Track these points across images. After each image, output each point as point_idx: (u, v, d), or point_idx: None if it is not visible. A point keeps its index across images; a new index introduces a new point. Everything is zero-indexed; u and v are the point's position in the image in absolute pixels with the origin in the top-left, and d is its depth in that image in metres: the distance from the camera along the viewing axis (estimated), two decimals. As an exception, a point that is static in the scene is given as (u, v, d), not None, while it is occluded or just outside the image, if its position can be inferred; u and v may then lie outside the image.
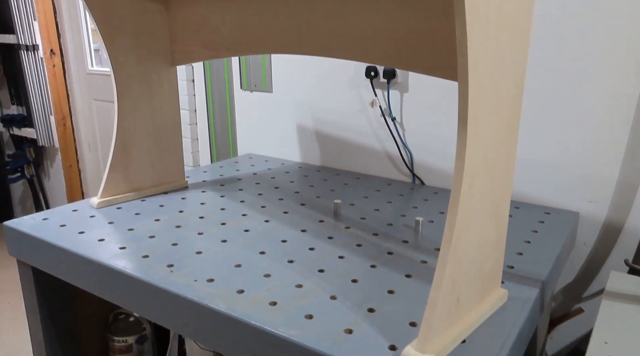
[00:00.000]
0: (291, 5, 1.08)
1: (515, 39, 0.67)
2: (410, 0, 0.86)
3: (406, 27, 0.87)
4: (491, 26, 0.61)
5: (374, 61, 0.94)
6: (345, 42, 0.98)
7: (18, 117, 2.97)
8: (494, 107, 0.66)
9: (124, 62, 1.31)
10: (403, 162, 1.62)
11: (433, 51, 0.83)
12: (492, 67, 0.63)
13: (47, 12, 2.76)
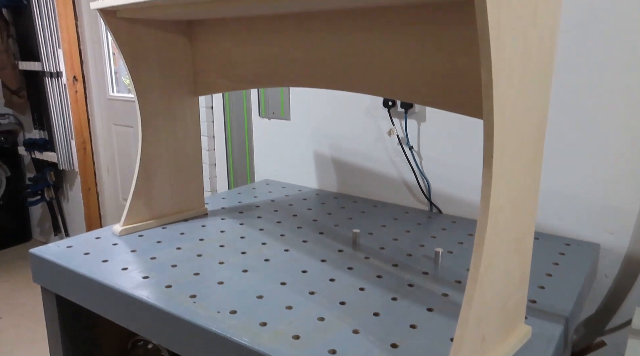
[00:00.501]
0: (313, 40, 1.11)
1: (538, 79, 0.69)
2: (431, 37, 0.88)
3: (427, 64, 0.89)
4: (516, 70, 0.62)
5: (395, 96, 0.96)
6: (367, 77, 1.00)
7: (40, 141, 3.04)
8: (519, 147, 0.67)
9: (149, 93, 1.35)
10: (420, 191, 1.62)
11: (454, 88, 0.84)
12: (517, 108, 0.64)
13: (71, 40, 2.85)
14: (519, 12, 0.60)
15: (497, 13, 0.56)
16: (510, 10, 0.58)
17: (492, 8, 0.55)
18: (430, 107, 0.90)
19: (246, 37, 1.27)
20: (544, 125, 0.73)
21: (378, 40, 0.97)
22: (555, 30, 0.70)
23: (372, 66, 0.99)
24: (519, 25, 0.61)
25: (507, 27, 0.58)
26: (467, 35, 0.82)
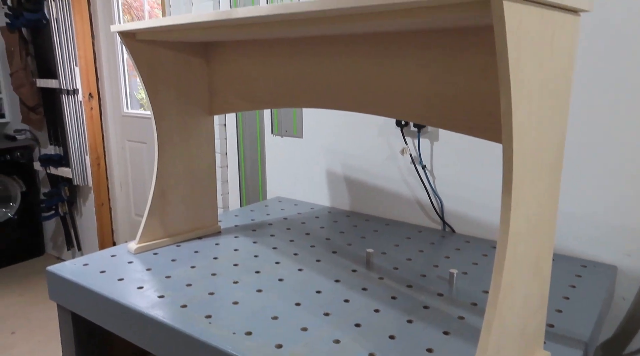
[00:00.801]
0: (329, 62, 1.12)
1: (556, 105, 0.69)
2: (445, 61, 0.89)
3: (441, 87, 0.89)
4: (534, 96, 0.63)
5: (411, 118, 0.96)
6: (381, 99, 1.01)
7: (55, 157, 3.08)
8: (538, 172, 0.67)
9: (165, 113, 1.37)
10: (433, 210, 1.62)
11: (471, 111, 0.85)
12: (536, 134, 0.65)
13: (87, 58, 2.91)
14: (537, 40, 0.61)
15: (516, 42, 0.57)
16: (528, 39, 0.59)
17: (511, 37, 0.56)
18: (444, 129, 0.90)
19: (262, 58, 1.29)
20: (562, 149, 0.73)
21: (392, 63, 0.98)
22: (572, 55, 0.70)
23: (387, 88, 1.00)
24: (537, 52, 0.61)
25: (526, 56, 0.59)
26: (482, 59, 0.83)
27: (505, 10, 0.54)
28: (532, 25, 0.59)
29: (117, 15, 2.87)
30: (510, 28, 0.55)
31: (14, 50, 3.01)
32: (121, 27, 1.19)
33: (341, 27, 0.76)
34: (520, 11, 0.56)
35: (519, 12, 0.56)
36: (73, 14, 2.79)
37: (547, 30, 0.62)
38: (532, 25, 0.59)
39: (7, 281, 3.25)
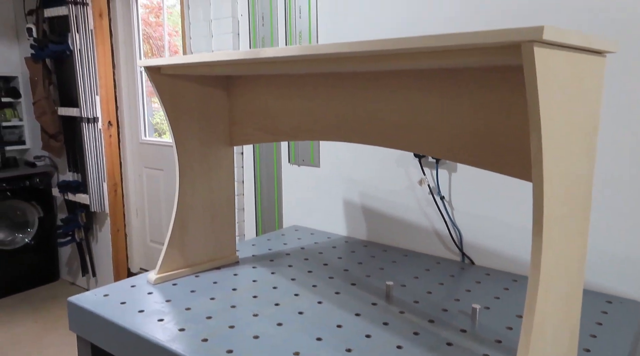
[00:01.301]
0: (350, 96, 1.14)
1: (585, 144, 0.69)
2: (472, 97, 0.90)
3: (468, 123, 0.90)
4: (564, 137, 0.63)
5: (435, 154, 0.97)
6: (406, 134, 1.02)
7: (73, 183, 3.13)
8: (568, 211, 0.67)
9: (187, 144, 1.39)
10: (452, 241, 1.61)
11: (497, 148, 0.85)
12: (566, 174, 0.65)
13: (108, 87, 2.98)
14: (566, 82, 0.61)
15: (546, 85, 0.57)
16: (558, 81, 0.59)
17: (542, 81, 0.56)
18: (472, 166, 0.90)
19: (283, 91, 1.31)
20: (591, 186, 0.73)
21: (416, 99, 0.99)
22: (599, 94, 0.71)
23: (410, 123, 1.01)
24: (566, 94, 0.62)
25: (556, 98, 0.60)
26: (507, 97, 0.83)
27: (536, 55, 0.54)
28: (561, 68, 0.60)
29: (137, 45, 2.95)
30: (541, 72, 0.56)
31: (37, 80, 3.09)
32: (148, 63, 1.22)
33: (368, 66, 0.77)
34: (550, 55, 0.57)
35: (549, 56, 0.57)
36: (96, 45, 2.87)
37: (575, 72, 0.63)
38: (561, 68, 0.60)
39: (22, 307, 3.26)
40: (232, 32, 2.15)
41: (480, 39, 0.56)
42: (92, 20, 2.84)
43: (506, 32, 0.54)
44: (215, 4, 2.18)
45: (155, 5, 3.06)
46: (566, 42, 0.57)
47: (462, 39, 0.57)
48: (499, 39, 0.55)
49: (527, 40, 0.54)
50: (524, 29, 0.53)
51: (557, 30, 0.54)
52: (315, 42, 1.89)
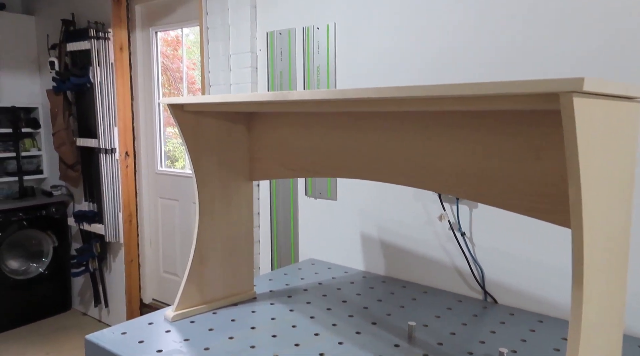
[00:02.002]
0: (372, 135, 1.14)
1: (623, 189, 0.68)
2: (498, 139, 0.89)
3: (494, 165, 0.89)
4: (602, 184, 0.62)
5: (460, 195, 0.96)
6: (429, 174, 1.01)
7: (89, 213, 3.14)
8: (608, 258, 0.65)
9: (208, 180, 1.39)
10: (473, 278, 1.57)
11: (526, 192, 0.84)
12: (605, 221, 0.63)
13: (126, 119, 3.02)
14: (603, 130, 0.60)
15: (585, 134, 0.56)
16: (596, 130, 0.59)
17: (580, 130, 0.55)
18: (495, 207, 0.89)
19: (304, 128, 1.32)
20: (629, 235, 0.71)
21: (440, 138, 0.98)
22: (636, 139, 0.69)
23: (434, 163, 1.00)
24: (604, 142, 0.61)
25: (594, 146, 0.59)
26: (535, 140, 0.82)
27: (575, 105, 0.54)
28: (599, 116, 0.59)
29: (156, 78, 3.01)
30: (580, 122, 0.55)
31: (57, 111, 3.15)
32: (172, 101, 1.24)
33: (394, 108, 0.77)
34: (588, 105, 0.56)
35: (587, 106, 0.56)
36: (116, 78, 2.93)
37: (612, 119, 0.62)
38: (599, 116, 0.59)
39: (33, 337, 3.23)
40: (251, 66, 2.18)
41: (518, 89, 0.55)
42: (112, 54, 2.91)
43: (545, 82, 0.54)
44: (234, 40, 2.22)
45: (174, 38, 3.13)
46: (604, 92, 0.56)
47: (498, 88, 0.57)
48: (538, 90, 0.54)
49: (567, 91, 0.53)
50: (564, 80, 0.52)
51: (596, 81, 0.53)
52: (333, 76, 1.91)
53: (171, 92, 3.68)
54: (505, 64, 1.47)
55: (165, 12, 2.85)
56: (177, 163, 3.24)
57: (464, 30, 1.55)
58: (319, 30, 1.94)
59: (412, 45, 1.67)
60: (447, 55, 1.59)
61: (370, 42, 1.78)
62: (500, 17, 1.47)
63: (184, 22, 2.78)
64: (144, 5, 2.94)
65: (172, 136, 3.16)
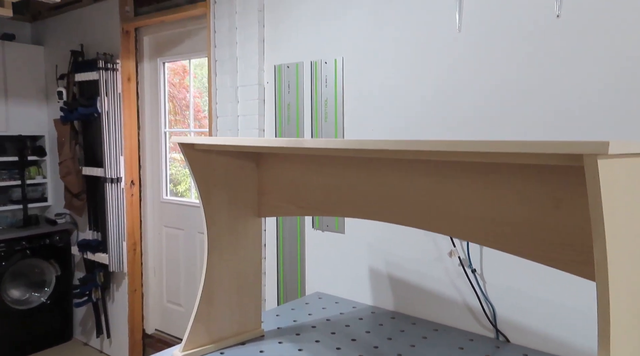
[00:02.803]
0: (382, 177, 1.13)
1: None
2: (516, 188, 0.89)
3: (512, 213, 0.88)
4: (627, 241, 0.61)
5: (475, 240, 0.95)
6: (443, 218, 1.00)
7: (93, 242, 3.13)
8: (633, 317, 0.64)
9: (217, 218, 1.39)
10: (485, 316, 1.55)
11: (546, 241, 0.83)
12: (631, 279, 0.62)
13: (132, 148, 3.04)
14: (627, 187, 0.60)
15: (609, 194, 0.56)
16: (620, 188, 0.58)
17: (605, 191, 0.55)
18: (512, 255, 0.88)
19: (314, 167, 1.31)
20: (652, 290, 0.70)
21: (454, 184, 0.98)
22: (655, 194, 0.69)
23: (448, 208, 0.99)
24: (628, 198, 0.60)
25: (618, 204, 0.58)
26: (555, 191, 0.82)
27: (600, 167, 0.53)
28: (623, 175, 0.58)
29: (163, 107, 3.03)
30: (604, 183, 0.54)
31: (64, 141, 3.17)
32: (183, 140, 1.24)
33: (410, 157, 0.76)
34: (612, 165, 0.56)
35: (611, 166, 0.56)
36: (123, 108, 2.95)
37: (636, 175, 0.62)
38: (623, 175, 0.58)
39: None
40: (258, 98, 2.20)
41: (542, 150, 0.55)
42: (120, 84, 2.94)
43: (571, 145, 0.53)
44: (242, 72, 2.25)
45: (180, 67, 3.17)
46: (628, 152, 0.56)
47: (521, 147, 0.57)
48: (562, 151, 0.54)
49: (591, 154, 0.53)
50: (590, 143, 0.52)
51: (621, 144, 0.53)
52: (341, 109, 1.92)
53: (177, 120, 3.70)
54: (507, 101, 1.48)
55: (174, 44, 2.89)
56: (179, 186, 3.24)
57: (468, 67, 1.56)
58: (326, 64, 1.96)
59: (417, 80, 1.68)
60: (450, 90, 1.60)
61: (377, 76, 1.80)
62: (501, 56, 1.49)
63: (191, 54, 2.82)
64: (152, 36, 2.99)
65: (173, 160, 3.18)
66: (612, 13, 1.31)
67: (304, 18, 2.01)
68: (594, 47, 1.34)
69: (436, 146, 0.65)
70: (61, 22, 3.39)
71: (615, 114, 1.31)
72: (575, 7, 1.36)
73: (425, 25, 1.66)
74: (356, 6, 1.83)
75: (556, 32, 1.40)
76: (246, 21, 2.20)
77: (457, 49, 1.59)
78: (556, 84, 1.40)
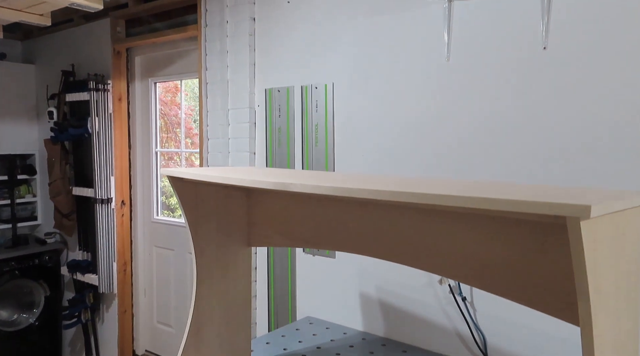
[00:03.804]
0: (376, 213, 1.13)
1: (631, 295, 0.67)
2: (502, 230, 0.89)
3: (496, 254, 0.88)
4: (611, 295, 0.61)
5: (458, 279, 0.95)
6: (429, 256, 1.00)
7: (83, 263, 3.10)
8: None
9: (206, 248, 1.38)
10: (475, 345, 1.54)
11: (529, 284, 0.83)
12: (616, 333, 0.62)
13: (123, 168, 3.02)
14: (610, 243, 0.60)
15: (592, 252, 0.56)
16: (603, 245, 0.58)
17: (588, 250, 0.55)
18: (499, 296, 0.88)
19: (304, 199, 1.31)
20: (637, 341, 0.70)
21: (441, 223, 0.98)
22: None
23: (434, 246, 0.99)
24: (611, 254, 0.61)
25: (602, 261, 0.58)
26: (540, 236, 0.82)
27: (583, 229, 0.54)
28: (606, 231, 0.59)
29: (154, 127, 3.03)
30: (587, 242, 0.55)
31: (54, 161, 3.15)
32: (172, 173, 1.24)
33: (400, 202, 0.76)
34: (595, 224, 0.56)
35: (594, 225, 0.56)
36: (114, 128, 2.94)
37: (618, 230, 0.62)
38: (606, 231, 0.59)
39: (21, 392, 3.12)
40: (249, 121, 2.20)
41: (527, 209, 0.55)
42: (111, 104, 2.94)
43: (554, 206, 0.54)
44: (233, 95, 2.25)
45: (172, 84, 3.17)
46: (611, 211, 0.56)
47: (507, 205, 0.57)
48: (546, 212, 0.54)
49: (574, 217, 0.53)
50: (572, 206, 0.52)
51: (603, 206, 0.53)
52: (331, 134, 1.92)
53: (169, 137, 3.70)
54: (493, 130, 1.49)
55: (165, 64, 2.90)
56: (172, 198, 3.23)
57: (456, 96, 1.57)
58: (317, 89, 1.96)
59: (406, 107, 1.69)
60: (438, 118, 1.61)
61: (367, 102, 1.81)
62: (489, 86, 1.50)
63: (183, 74, 2.82)
64: (143, 56, 2.99)
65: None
66: (598, 45, 1.32)
67: (295, 43, 2.02)
68: (581, 79, 1.35)
69: (422, 198, 0.65)
70: (52, 42, 3.39)
71: (602, 144, 1.32)
72: (562, 39, 1.38)
73: (414, 53, 1.67)
74: (347, 33, 1.85)
75: (543, 64, 1.41)
76: (237, 45, 2.21)
77: (445, 78, 1.60)
78: (542, 115, 1.42)
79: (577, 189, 0.71)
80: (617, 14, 1.29)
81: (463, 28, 1.56)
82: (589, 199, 0.56)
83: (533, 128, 1.43)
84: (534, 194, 0.62)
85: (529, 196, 0.58)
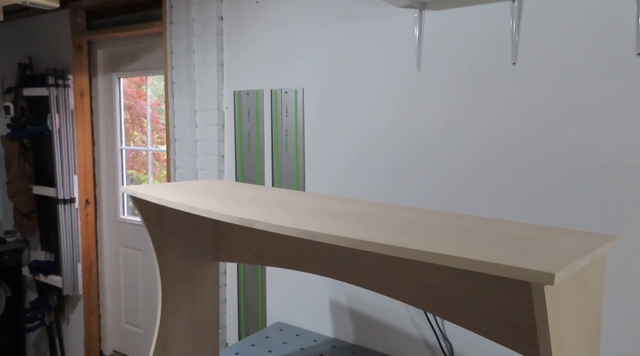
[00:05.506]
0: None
1: (591, 340, 0.68)
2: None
3: (464, 287, 0.88)
4: (573, 344, 0.61)
5: (425, 308, 0.95)
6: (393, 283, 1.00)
7: (46, 264, 3.00)
8: None
9: (171, 266, 1.34)
10: (442, 353, 1.57)
11: (494, 318, 0.83)
12: (575, 386, 0.63)
13: (87, 166, 2.92)
14: (573, 295, 0.60)
15: (555, 310, 0.56)
16: (566, 299, 0.58)
17: (551, 311, 0.55)
18: (467, 329, 0.88)
19: (272, 215, 1.29)
20: (598, 383, 0.71)
21: (411, 250, 0.98)
22: (602, 289, 0.70)
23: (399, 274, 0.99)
24: (574, 306, 0.61)
25: (564, 314, 0.59)
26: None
27: (546, 293, 0.53)
28: (569, 289, 0.59)
29: (119, 123, 2.93)
30: (550, 303, 0.55)
31: (12, 159, 3.02)
32: (134, 192, 1.19)
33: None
34: (559, 286, 0.56)
35: (558, 287, 0.56)
36: (76, 125, 2.83)
37: (580, 282, 0.62)
38: (569, 289, 0.59)
39: (-17, 396, 3.03)
40: (218, 123, 2.15)
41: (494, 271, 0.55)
42: (72, 100, 2.82)
43: (519, 271, 0.53)
44: (200, 96, 2.19)
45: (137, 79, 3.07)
46: (575, 271, 0.56)
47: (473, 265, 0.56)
48: (512, 276, 0.54)
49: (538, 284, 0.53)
50: (537, 273, 0.52)
51: (567, 269, 0.53)
52: (301, 141, 1.90)
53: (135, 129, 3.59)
54: (457, 138, 1.50)
55: (130, 59, 2.79)
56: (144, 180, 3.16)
57: (425, 105, 1.57)
58: (287, 94, 1.93)
59: (375, 114, 1.68)
60: (408, 125, 1.61)
61: (337, 108, 1.78)
62: (457, 97, 1.50)
63: (148, 71, 2.73)
64: (106, 50, 2.87)
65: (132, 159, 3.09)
66: (567, 61, 1.33)
67: (265, 46, 1.97)
68: (551, 94, 1.37)
69: (388, 250, 0.64)
70: (7, 32, 3.22)
71: (574, 158, 1.34)
72: (531, 54, 1.38)
73: (386, 62, 1.65)
74: (317, 37, 1.81)
75: (511, 78, 1.42)
76: (204, 44, 2.14)
77: (415, 87, 1.59)
78: (514, 127, 1.43)
79: (548, 234, 0.71)
80: (585, 32, 1.30)
81: (434, 38, 1.55)
82: (554, 259, 0.56)
83: (502, 140, 1.44)
84: (500, 248, 0.62)
85: (496, 256, 0.57)
